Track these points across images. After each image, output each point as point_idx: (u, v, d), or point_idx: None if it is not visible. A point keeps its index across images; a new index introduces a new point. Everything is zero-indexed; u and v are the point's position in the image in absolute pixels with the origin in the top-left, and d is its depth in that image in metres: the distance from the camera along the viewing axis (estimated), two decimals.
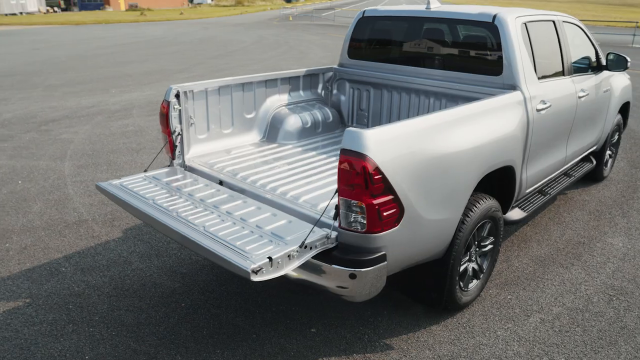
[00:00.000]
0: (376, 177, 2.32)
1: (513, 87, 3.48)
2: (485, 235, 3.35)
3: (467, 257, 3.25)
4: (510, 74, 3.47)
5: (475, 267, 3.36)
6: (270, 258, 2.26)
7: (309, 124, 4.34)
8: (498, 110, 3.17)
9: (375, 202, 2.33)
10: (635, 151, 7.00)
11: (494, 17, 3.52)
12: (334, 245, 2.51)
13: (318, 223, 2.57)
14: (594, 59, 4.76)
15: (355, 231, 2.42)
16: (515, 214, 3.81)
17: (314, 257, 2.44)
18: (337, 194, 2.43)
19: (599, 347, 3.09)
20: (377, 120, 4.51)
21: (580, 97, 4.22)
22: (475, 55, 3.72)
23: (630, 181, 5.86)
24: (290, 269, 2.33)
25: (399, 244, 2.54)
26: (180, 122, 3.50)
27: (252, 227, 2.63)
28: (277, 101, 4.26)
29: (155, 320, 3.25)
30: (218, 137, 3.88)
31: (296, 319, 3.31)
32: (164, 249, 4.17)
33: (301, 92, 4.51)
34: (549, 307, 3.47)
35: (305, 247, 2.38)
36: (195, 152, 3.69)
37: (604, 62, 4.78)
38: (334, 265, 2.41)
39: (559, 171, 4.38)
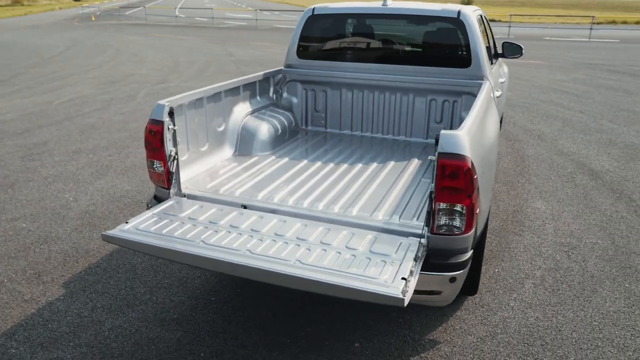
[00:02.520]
0: (474, 177, 2.31)
1: (481, 77, 3.76)
2: None
3: None
4: (478, 65, 3.75)
5: None
6: (404, 278, 2.09)
7: (280, 131, 4.07)
8: (491, 100, 3.41)
9: (472, 202, 2.33)
10: (504, 125, 8.14)
11: (459, 12, 3.75)
12: (426, 252, 2.43)
13: (401, 233, 2.48)
14: (492, 48, 5.39)
15: (451, 234, 2.38)
16: None
17: None
18: (431, 199, 2.36)
19: (587, 297, 3.57)
20: (337, 121, 4.44)
21: (502, 83, 4.76)
22: (442, 49, 3.92)
23: (515, 152, 6.81)
24: (414, 286, 2.19)
25: (472, 240, 2.59)
26: (175, 145, 2.97)
27: (346, 250, 2.40)
28: (242, 110, 3.89)
29: None
30: (198, 156, 3.40)
31: (334, 338, 3.12)
32: (131, 297, 3.52)
33: (258, 98, 4.19)
34: (532, 272, 3.88)
35: (416, 259, 2.26)
36: (183, 176, 3.18)
37: (500, 51, 5.45)
38: (433, 273, 2.34)
39: None
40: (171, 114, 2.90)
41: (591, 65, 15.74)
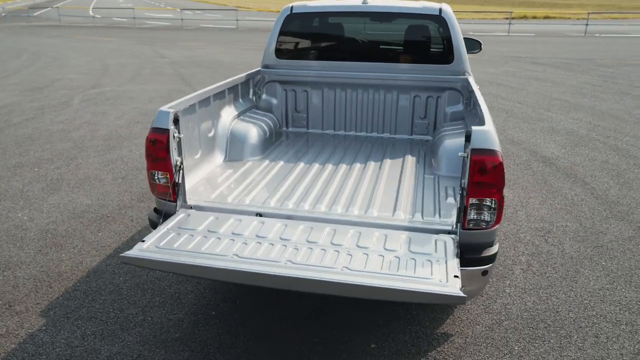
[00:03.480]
0: (504, 171, 2.35)
1: (463, 72, 3.85)
2: None
3: None
4: (460, 61, 3.84)
5: None
6: (456, 276, 2.08)
7: (268, 134, 3.93)
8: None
9: (502, 196, 2.37)
10: None
11: (440, 10, 3.81)
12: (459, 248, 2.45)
13: (429, 230, 2.48)
14: None
15: (481, 229, 2.41)
16: None
17: None
18: (462, 195, 2.37)
19: (572, 277, 3.78)
20: (319, 121, 4.36)
21: None
22: (424, 46, 3.96)
23: None
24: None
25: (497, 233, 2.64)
26: (180, 154, 2.77)
27: (386, 252, 2.36)
28: (229, 115, 3.71)
29: None
30: (193, 165, 3.21)
31: (349, 341, 3.08)
32: (122, 319, 3.27)
33: (241, 101, 4.02)
34: (517, 258, 4.04)
35: (457, 256, 2.27)
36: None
37: None
38: (468, 268, 2.36)
39: None
40: (176, 121, 2.71)
41: (516, 58, 16.74)
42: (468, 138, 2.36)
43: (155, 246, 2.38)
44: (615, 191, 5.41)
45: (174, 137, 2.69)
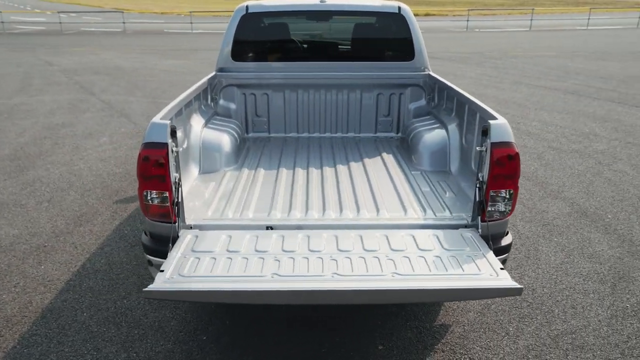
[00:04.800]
0: (519, 162, 2.43)
1: (423, 69, 3.95)
2: None
3: None
4: (421, 57, 3.94)
5: None
6: (502, 268, 2.10)
7: (238, 141, 3.69)
8: None
9: (517, 186, 2.46)
10: None
11: (399, 8, 3.86)
12: None
13: (447, 226, 2.51)
14: None
15: (497, 219, 2.47)
16: None
17: None
18: (480, 188, 2.41)
19: (534, 255, 4.06)
20: (281, 124, 4.20)
21: None
22: (385, 44, 4.00)
23: None
24: None
25: None
26: (178, 169, 2.48)
27: (424, 253, 2.35)
28: (197, 124, 3.43)
29: None
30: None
31: (357, 345, 3.02)
32: (127, 340, 2.91)
33: (203, 108, 3.73)
34: None
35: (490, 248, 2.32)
36: None
37: None
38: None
39: None
40: (173, 133, 2.44)
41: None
42: (485, 132, 2.41)
43: (178, 274, 2.13)
44: (542, 172, 5.91)
45: (172, 151, 2.42)
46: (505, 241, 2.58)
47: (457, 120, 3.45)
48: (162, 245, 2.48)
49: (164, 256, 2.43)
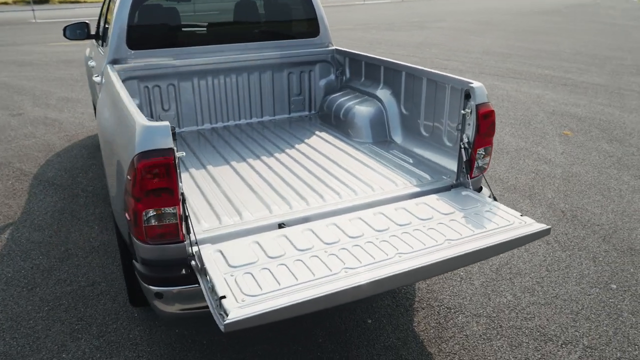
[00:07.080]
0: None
1: (327, 45, 4.03)
2: None
3: None
4: (325, 33, 4.02)
5: None
6: (523, 214, 2.38)
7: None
8: None
9: (492, 141, 2.71)
10: None
11: None
12: None
13: (443, 189, 2.74)
14: None
15: (479, 175, 2.72)
16: None
17: None
18: (466, 148, 2.58)
19: None
20: (192, 116, 3.76)
21: None
22: (290, 22, 3.92)
23: None
24: None
25: None
26: (180, 179, 2.03)
27: (452, 216, 2.45)
28: None
29: None
30: None
31: (346, 323, 3.01)
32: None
33: None
34: None
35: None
36: None
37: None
38: None
39: None
40: (173, 136, 2.01)
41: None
42: (468, 96, 2.59)
43: (249, 295, 1.82)
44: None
45: (176, 157, 2.01)
46: (487, 193, 2.85)
47: (390, 90, 3.58)
48: (171, 271, 2.08)
49: (175, 284, 2.06)
